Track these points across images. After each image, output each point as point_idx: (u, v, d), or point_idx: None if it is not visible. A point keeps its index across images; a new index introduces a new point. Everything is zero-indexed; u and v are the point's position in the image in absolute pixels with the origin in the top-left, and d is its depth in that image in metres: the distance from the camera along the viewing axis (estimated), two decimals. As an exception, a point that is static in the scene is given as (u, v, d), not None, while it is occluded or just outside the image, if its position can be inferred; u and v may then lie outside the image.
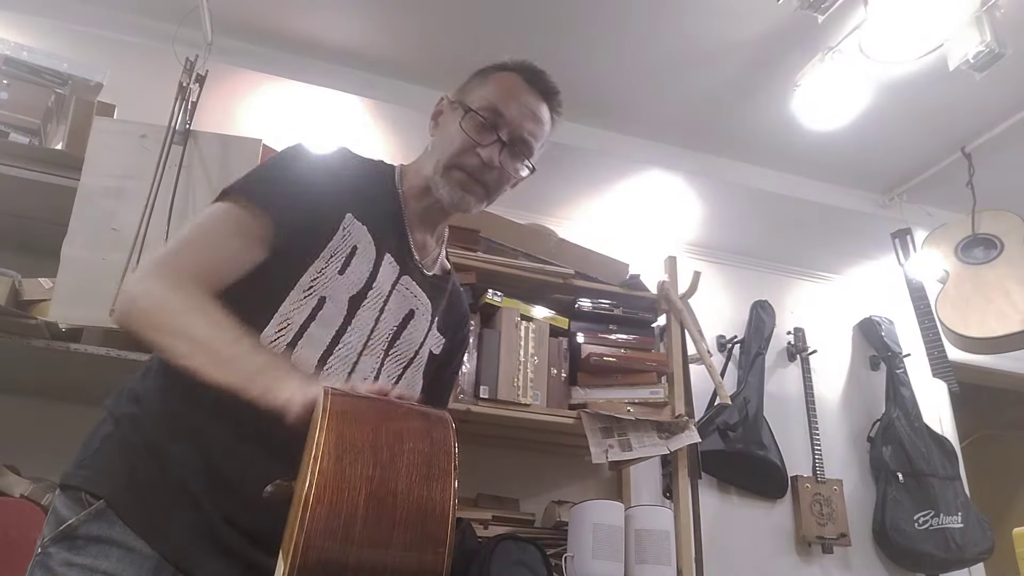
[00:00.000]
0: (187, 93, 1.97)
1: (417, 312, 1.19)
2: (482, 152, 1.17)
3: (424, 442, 0.65)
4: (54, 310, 1.73)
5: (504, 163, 1.20)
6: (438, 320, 1.25)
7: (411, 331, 1.18)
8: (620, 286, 2.45)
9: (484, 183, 1.20)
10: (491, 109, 1.20)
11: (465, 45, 2.41)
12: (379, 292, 1.13)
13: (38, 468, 1.85)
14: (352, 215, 1.13)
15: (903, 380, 3.15)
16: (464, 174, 1.18)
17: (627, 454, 2.14)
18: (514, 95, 1.23)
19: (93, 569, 0.92)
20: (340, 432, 0.62)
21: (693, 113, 2.65)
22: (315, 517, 0.57)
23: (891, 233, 2.96)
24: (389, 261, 1.15)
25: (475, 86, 1.27)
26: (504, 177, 1.22)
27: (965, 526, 2.86)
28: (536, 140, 1.24)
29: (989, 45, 2.05)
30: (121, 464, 0.98)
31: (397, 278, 1.17)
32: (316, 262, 1.07)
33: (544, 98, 1.27)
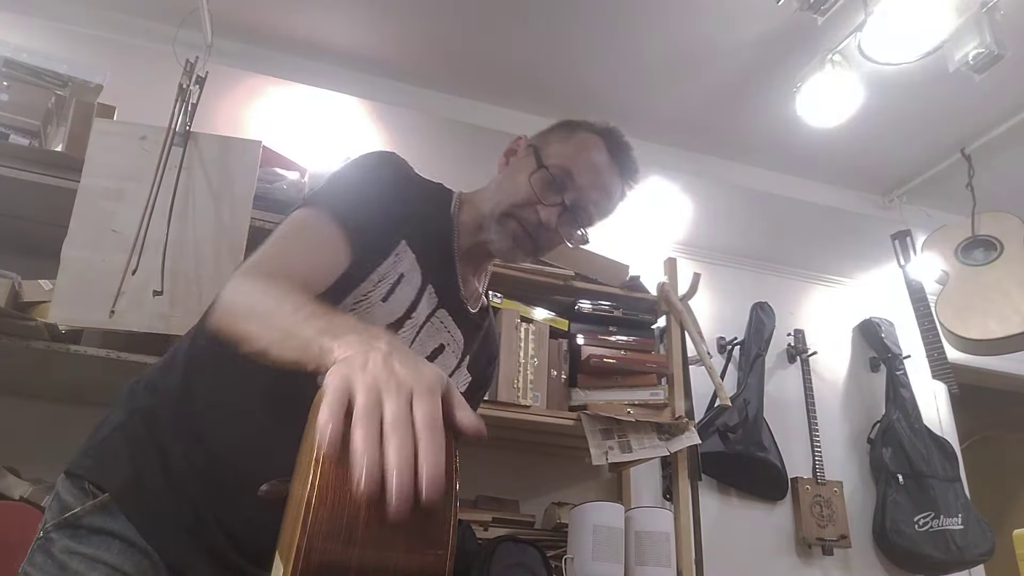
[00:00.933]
0: (187, 95, 1.97)
1: (447, 348, 1.17)
2: (542, 211, 1.15)
3: None
4: (54, 312, 1.73)
5: (561, 227, 1.17)
6: (468, 359, 1.22)
7: (439, 366, 1.12)
8: (620, 288, 2.45)
9: (536, 240, 1.18)
10: (564, 169, 1.17)
11: (465, 47, 2.42)
12: (415, 323, 1.11)
13: (38, 470, 1.85)
14: (406, 241, 1.10)
15: (903, 382, 3.15)
16: (519, 226, 1.16)
17: (627, 456, 2.14)
18: (591, 163, 1.19)
19: (95, 559, 0.92)
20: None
21: (693, 114, 2.65)
22: (317, 519, 0.56)
23: (891, 235, 2.96)
24: (430, 292, 1.13)
25: (556, 139, 1.23)
26: (556, 240, 1.20)
27: (965, 528, 2.86)
28: (599, 213, 1.21)
29: (989, 47, 2.05)
30: (128, 459, 0.98)
31: (433, 310, 1.14)
32: (363, 284, 1.05)
33: (621, 173, 1.23)
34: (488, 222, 1.17)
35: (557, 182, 1.16)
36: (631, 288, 2.47)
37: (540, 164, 1.17)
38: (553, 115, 2.63)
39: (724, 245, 3.25)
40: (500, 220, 1.16)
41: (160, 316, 1.77)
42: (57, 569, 0.92)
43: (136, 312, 1.76)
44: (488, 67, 2.50)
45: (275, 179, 2.16)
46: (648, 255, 2.92)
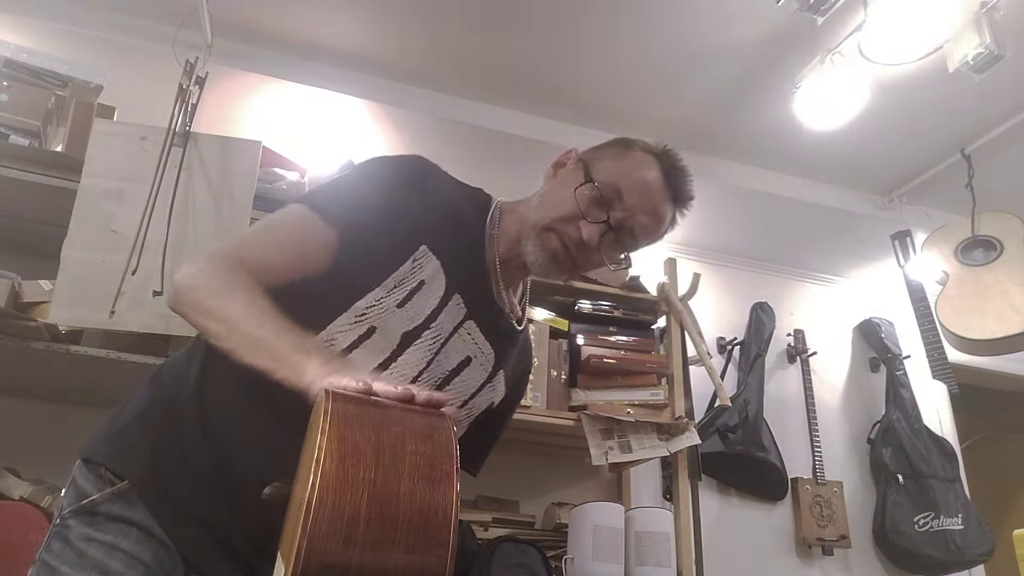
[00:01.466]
0: (187, 95, 1.97)
1: (474, 361, 1.12)
2: (584, 228, 1.08)
3: (426, 445, 0.64)
4: (54, 312, 1.73)
5: (603, 248, 1.11)
6: (505, 373, 1.18)
7: (464, 379, 1.11)
8: (620, 288, 2.45)
9: (575, 258, 1.11)
10: (613, 187, 1.10)
11: (465, 48, 2.42)
12: (438, 333, 1.06)
13: (38, 470, 1.85)
14: (427, 247, 1.05)
15: (903, 382, 3.15)
16: (559, 242, 1.10)
17: (627, 456, 2.14)
18: (643, 183, 1.12)
19: (113, 547, 0.92)
20: (342, 434, 0.61)
21: (693, 115, 2.65)
22: (318, 520, 0.56)
23: (891, 235, 2.96)
24: (457, 302, 1.08)
25: (609, 156, 1.16)
26: (596, 260, 1.13)
27: (965, 528, 2.86)
28: (645, 237, 1.15)
29: (988, 47, 2.05)
30: (148, 449, 0.98)
31: (461, 321, 1.09)
32: (377, 290, 1.01)
33: (674, 199, 1.16)
34: (528, 234, 1.12)
35: (604, 199, 1.10)
36: (631, 288, 2.47)
37: (588, 178, 1.11)
38: (553, 115, 2.67)
39: (724, 245, 3.25)
40: (540, 234, 1.11)
41: (160, 316, 1.77)
42: (75, 556, 0.91)
43: (136, 312, 1.76)
44: (488, 68, 2.50)
45: (275, 179, 2.16)
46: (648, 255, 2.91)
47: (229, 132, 2.16)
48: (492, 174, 2.79)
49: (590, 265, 1.15)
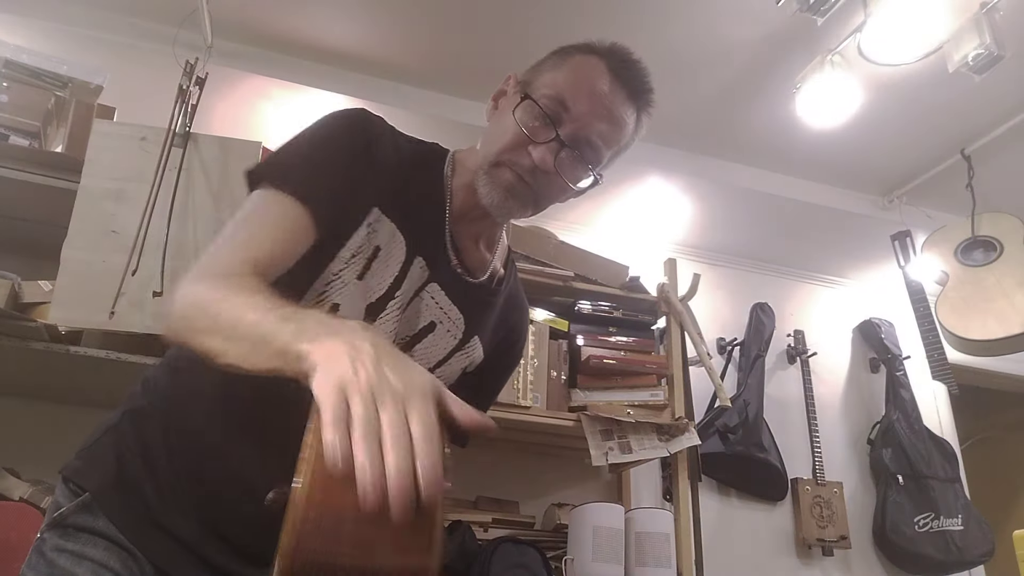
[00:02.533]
0: (187, 96, 1.97)
1: (440, 326, 1.04)
2: (535, 151, 0.96)
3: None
4: (54, 312, 1.73)
5: (562, 169, 0.98)
6: (482, 334, 1.09)
7: (428, 345, 1.04)
8: (620, 288, 2.45)
9: (533, 188, 0.99)
10: (557, 99, 0.98)
11: (464, 48, 2.42)
12: (401, 302, 1.00)
13: (38, 471, 1.85)
14: (379, 209, 0.97)
15: (903, 382, 3.15)
16: (512, 174, 0.98)
17: (627, 456, 2.14)
18: (590, 86, 0.99)
19: (80, 555, 0.92)
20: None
21: (693, 115, 2.65)
22: (306, 518, 0.56)
23: (891, 235, 2.96)
24: (420, 265, 1.00)
25: (548, 67, 1.04)
26: (559, 185, 1.00)
27: (965, 528, 2.86)
28: (607, 145, 1.02)
29: (988, 47, 2.05)
30: (113, 459, 0.97)
31: (423, 285, 1.02)
32: (333, 263, 0.94)
33: (630, 94, 1.04)
34: (478, 176, 1.00)
35: (550, 115, 0.97)
36: (631, 289, 2.47)
37: (526, 96, 0.99)
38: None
39: (724, 246, 3.25)
40: (490, 171, 0.99)
41: (160, 317, 1.77)
42: (47, 567, 0.92)
43: (136, 313, 1.76)
44: (487, 68, 2.49)
45: (275, 180, 2.16)
46: (648, 256, 2.93)
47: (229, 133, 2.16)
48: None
49: (554, 192, 1.02)
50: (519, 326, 1.20)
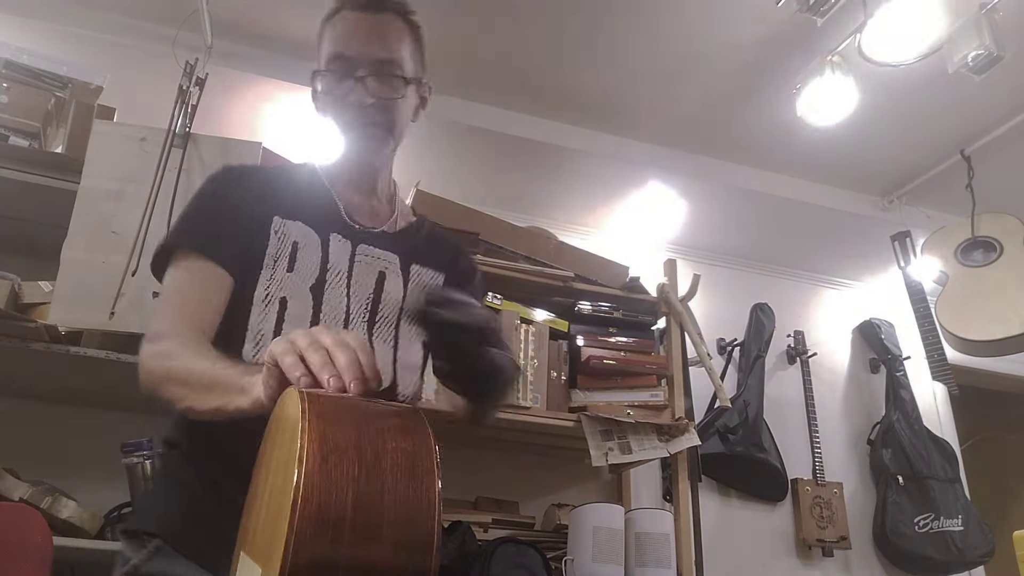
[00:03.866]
0: (187, 96, 1.98)
1: (388, 271, 1.18)
2: (350, 99, 1.12)
3: (406, 440, 0.64)
4: (54, 313, 1.73)
5: (376, 92, 1.12)
6: (422, 262, 1.22)
7: (388, 291, 1.17)
8: (620, 289, 2.45)
9: (373, 121, 1.14)
10: (335, 58, 1.14)
11: (465, 48, 2.42)
12: (338, 271, 1.14)
13: (37, 471, 1.85)
14: (279, 216, 1.13)
15: (903, 383, 3.15)
16: (355, 126, 1.15)
17: (627, 457, 2.14)
18: (349, 30, 1.15)
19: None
20: (323, 432, 0.61)
21: (693, 116, 2.65)
22: (304, 520, 0.56)
23: (891, 236, 2.96)
24: (337, 240, 1.15)
25: (320, 45, 1.20)
26: (389, 105, 1.14)
27: (965, 529, 2.86)
28: (394, 53, 1.14)
29: (988, 48, 2.05)
30: (168, 499, 1.03)
31: (353, 250, 1.16)
32: (263, 271, 1.08)
33: (379, 11, 1.16)
34: (341, 148, 1.19)
35: (339, 70, 1.13)
36: (631, 289, 2.47)
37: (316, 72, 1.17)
38: (552, 116, 2.67)
39: (724, 246, 3.25)
40: (343, 138, 1.17)
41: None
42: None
43: (136, 313, 1.76)
44: (488, 69, 2.50)
45: (275, 180, 2.16)
46: (648, 256, 2.92)
47: (229, 133, 2.16)
48: (492, 175, 2.80)
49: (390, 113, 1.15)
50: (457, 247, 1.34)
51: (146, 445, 1.81)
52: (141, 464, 1.79)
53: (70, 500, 1.75)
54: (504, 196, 2.84)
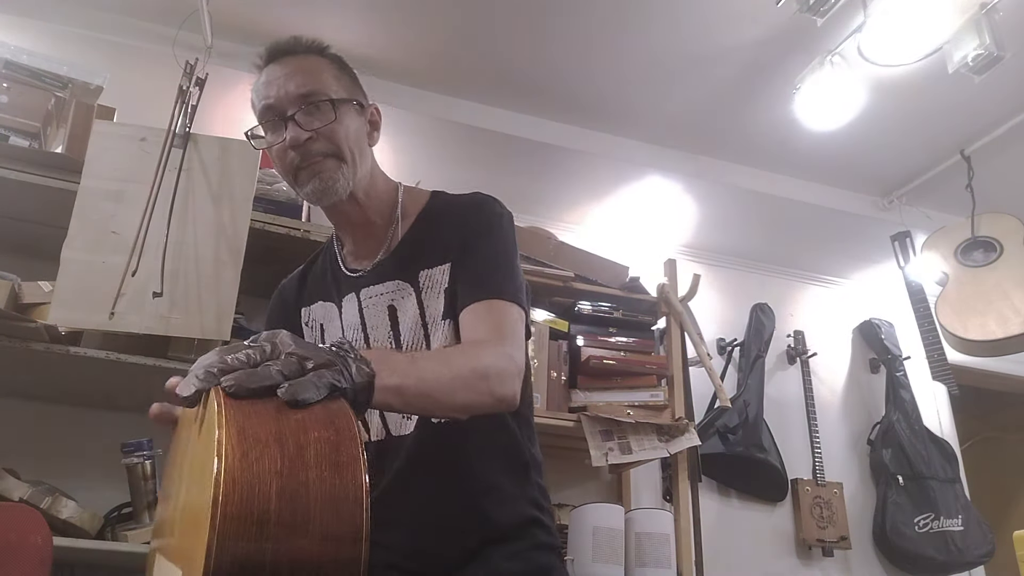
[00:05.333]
0: (187, 96, 1.97)
1: (396, 299, 1.15)
2: (287, 143, 1.11)
3: (328, 430, 0.62)
4: (54, 313, 1.73)
5: (308, 125, 1.11)
6: (428, 263, 1.16)
7: (404, 318, 1.14)
8: (620, 289, 2.45)
9: (314, 156, 1.11)
10: (264, 111, 1.14)
11: (464, 48, 2.42)
12: (353, 328, 1.17)
13: (37, 472, 1.85)
14: (304, 307, 1.24)
15: (903, 383, 3.15)
16: (302, 172, 1.12)
17: (627, 457, 2.14)
18: (269, 81, 1.14)
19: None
20: (240, 426, 0.59)
21: (692, 116, 2.65)
22: (226, 517, 0.54)
23: (890, 236, 2.96)
24: (347, 299, 1.19)
25: (253, 107, 1.20)
26: (326, 132, 1.12)
27: (965, 529, 2.86)
28: (316, 85, 1.13)
29: (988, 48, 2.05)
30: None
31: (359, 302, 1.18)
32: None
33: (291, 55, 1.16)
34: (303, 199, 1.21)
35: (269, 121, 1.13)
36: (631, 289, 2.47)
37: (252, 134, 1.16)
38: (551, 116, 2.67)
39: (724, 246, 3.25)
40: (297, 188, 1.15)
41: (160, 318, 1.77)
42: None
43: (136, 314, 1.76)
44: (487, 68, 2.50)
45: (275, 180, 2.16)
46: (648, 256, 2.92)
47: (229, 133, 2.16)
48: (492, 175, 2.80)
49: (331, 143, 1.13)
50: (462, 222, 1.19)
51: (146, 445, 1.80)
52: (141, 464, 1.79)
53: (70, 500, 1.75)
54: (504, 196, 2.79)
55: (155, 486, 1.81)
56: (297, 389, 0.64)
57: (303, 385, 0.65)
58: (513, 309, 1.08)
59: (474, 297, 1.07)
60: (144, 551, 1.71)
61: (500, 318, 1.06)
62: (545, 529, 1.13)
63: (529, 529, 1.10)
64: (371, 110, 1.23)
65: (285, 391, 0.64)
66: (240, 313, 1.95)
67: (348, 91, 1.19)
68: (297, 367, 0.68)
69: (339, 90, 1.16)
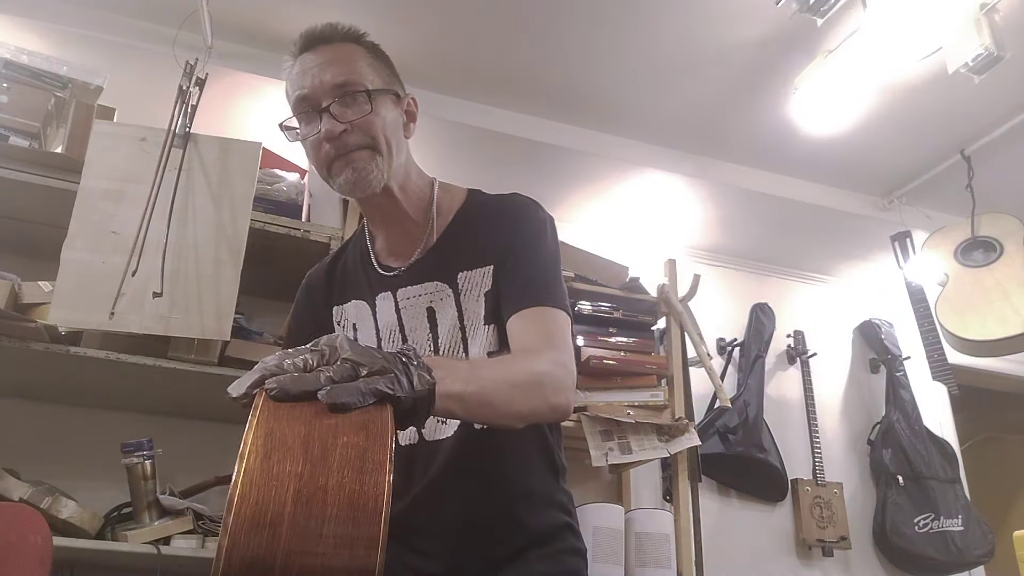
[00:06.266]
0: (187, 96, 1.97)
1: (435, 301, 1.13)
2: (323, 133, 1.08)
3: (360, 435, 0.62)
4: (53, 313, 1.73)
5: (343, 116, 1.08)
6: (467, 264, 1.13)
7: (442, 320, 1.12)
8: (620, 289, 2.45)
9: (351, 149, 1.08)
10: (299, 101, 1.11)
11: (465, 48, 2.42)
12: (390, 330, 1.14)
13: (37, 472, 1.85)
14: (337, 305, 1.21)
15: (903, 383, 3.15)
16: (337, 164, 1.09)
17: (627, 457, 2.14)
18: (304, 70, 1.12)
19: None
20: (269, 429, 0.60)
21: (693, 116, 2.65)
22: (239, 517, 0.55)
23: (890, 236, 2.96)
24: (382, 299, 1.16)
25: (288, 99, 1.18)
26: (362, 124, 1.09)
27: (965, 529, 2.86)
28: (352, 75, 1.11)
29: (988, 48, 2.05)
30: None
31: (395, 302, 1.15)
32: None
33: (328, 43, 1.14)
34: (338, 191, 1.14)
35: (305, 113, 1.10)
36: (631, 289, 2.47)
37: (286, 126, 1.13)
38: (552, 116, 2.67)
39: (724, 246, 3.25)
40: (332, 180, 1.12)
41: (160, 318, 1.77)
42: None
43: (136, 314, 1.76)
44: (486, 69, 2.50)
45: (275, 180, 2.16)
46: (648, 256, 2.92)
47: (229, 133, 2.16)
48: (492, 175, 2.80)
49: (367, 135, 1.09)
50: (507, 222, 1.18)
51: (146, 445, 1.81)
52: (141, 464, 1.79)
53: (70, 500, 1.75)
54: (504, 196, 2.84)
55: (155, 486, 1.81)
56: (337, 393, 0.65)
57: (344, 390, 0.65)
58: (561, 316, 1.07)
59: (523, 304, 1.06)
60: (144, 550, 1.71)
61: (550, 326, 1.05)
62: (575, 534, 1.13)
63: (561, 533, 1.10)
64: (408, 100, 1.19)
65: (325, 395, 0.65)
66: (240, 313, 1.95)
67: (385, 81, 1.15)
68: (350, 372, 0.68)
69: (375, 80, 1.13)
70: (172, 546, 1.75)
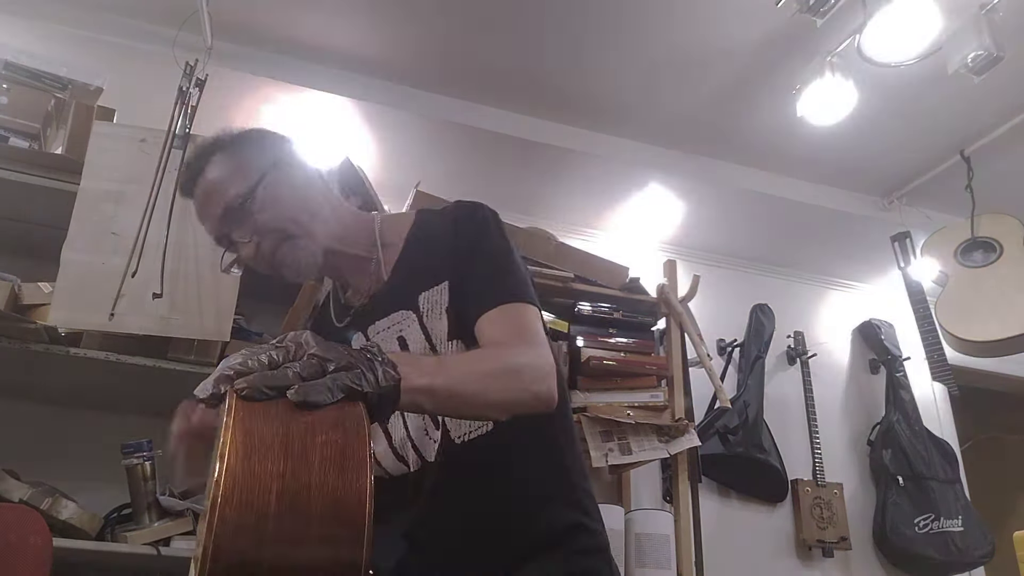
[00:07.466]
0: (187, 97, 1.97)
1: (404, 329, 1.13)
2: (246, 261, 1.15)
3: (337, 432, 0.62)
4: (53, 314, 1.73)
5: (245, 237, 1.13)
6: (425, 284, 1.13)
7: (413, 346, 1.12)
8: (620, 290, 2.45)
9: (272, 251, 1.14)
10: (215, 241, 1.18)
11: (463, 49, 2.42)
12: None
13: (38, 472, 1.85)
14: None
15: (903, 383, 3.15)
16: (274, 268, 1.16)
17: (627, 458, 2.14)
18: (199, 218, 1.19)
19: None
20: (248, 429, 0.60)
21: (693, 117, 2.65)
22: (224, 519, 0.55)
23: (890, 236, 2.96)
24: (356, 339, 1.17)
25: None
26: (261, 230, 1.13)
27: (965, 529, 2.86)
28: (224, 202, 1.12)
29: (987, 48, 2.05)
30: None
31: (367, 337, 1.16)
32: None
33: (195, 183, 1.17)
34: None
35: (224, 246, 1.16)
36: (631, 290, 2.47)
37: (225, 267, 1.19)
38: (551, 117, 2.67)
39: (724, 247, 3.25)
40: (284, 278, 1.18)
41: (160, 319, 1.77)
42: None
43: (136, 314, 1.76)
44: (485, 69, 2.50)
45: (275, 181, 2.16)
46: (648, 257, 2.93)
47: (229, 134, 2.15)
48: (492, 176, 2.80)
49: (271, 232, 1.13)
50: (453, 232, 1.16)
51: (146, 446, 1.80)
52: (141, 465, 1.79)
53: (70, 501, 1.75)
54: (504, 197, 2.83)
55: (155, 487, 1.81)
56: (308, 391, 0.65)
57: (314, 387, 0.65)
58: (527, 308, 1.06)
59: (485, 306, 1.05)
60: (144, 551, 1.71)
61: (518, 320, 1.04)
62: (589, 533, 1.09)
63: (572, 534, 1.08)
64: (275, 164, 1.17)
65: (295, 393, 0.64)
66: (240, 314, 1.95)
67: (257, 168, 1.15)
68: (317, 369, 0.68)
69: (249, 176, 1.13)
70: (172, 547, 1.75)
